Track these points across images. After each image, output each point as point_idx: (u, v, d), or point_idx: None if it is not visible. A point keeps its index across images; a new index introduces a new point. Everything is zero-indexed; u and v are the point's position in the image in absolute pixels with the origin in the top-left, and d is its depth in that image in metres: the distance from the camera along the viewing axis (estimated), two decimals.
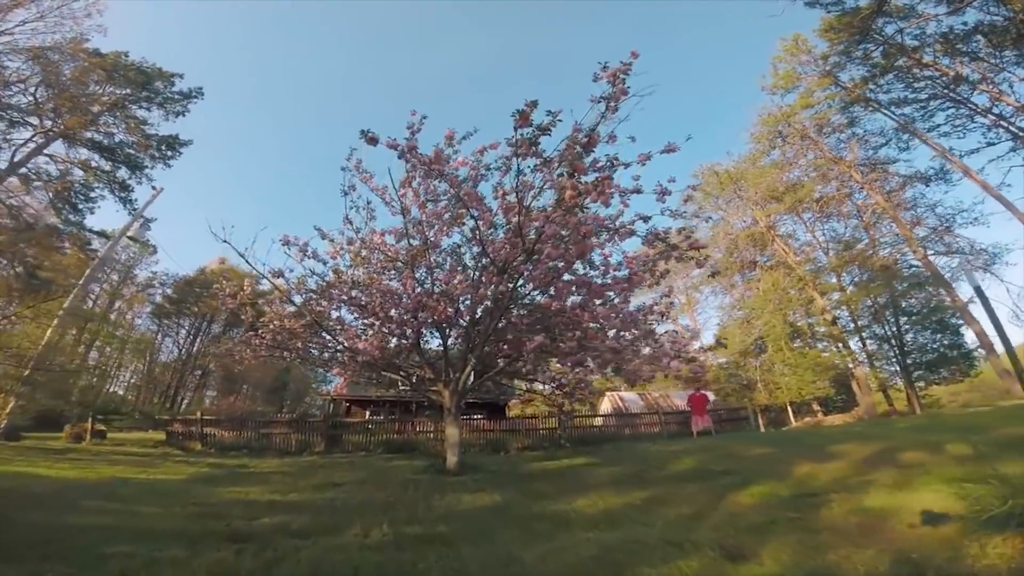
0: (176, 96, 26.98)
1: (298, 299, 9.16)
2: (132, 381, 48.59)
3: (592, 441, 14.04)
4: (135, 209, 24.72)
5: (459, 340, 10.20)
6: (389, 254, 8.87)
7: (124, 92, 25.55)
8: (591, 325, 6.58)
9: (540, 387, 12.21)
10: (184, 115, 27.09)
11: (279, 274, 8.79)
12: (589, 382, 10.16)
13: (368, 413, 22.59)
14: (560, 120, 5.80)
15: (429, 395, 10.40)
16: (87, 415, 17.63)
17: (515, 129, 5.60)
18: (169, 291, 42.55)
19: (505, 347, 9.88)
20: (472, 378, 8.91)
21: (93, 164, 24.95)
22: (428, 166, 6.67)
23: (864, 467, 5.83)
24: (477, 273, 8.67)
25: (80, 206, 24.11)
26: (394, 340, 11.28)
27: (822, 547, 3.34)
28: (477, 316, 9.00)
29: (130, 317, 44.50)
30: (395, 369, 10.12)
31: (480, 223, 7.55)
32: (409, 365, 10.63)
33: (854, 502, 4.34)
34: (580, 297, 7.28)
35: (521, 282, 7.80)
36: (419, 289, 8.00)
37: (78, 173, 24.56)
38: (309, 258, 8.61)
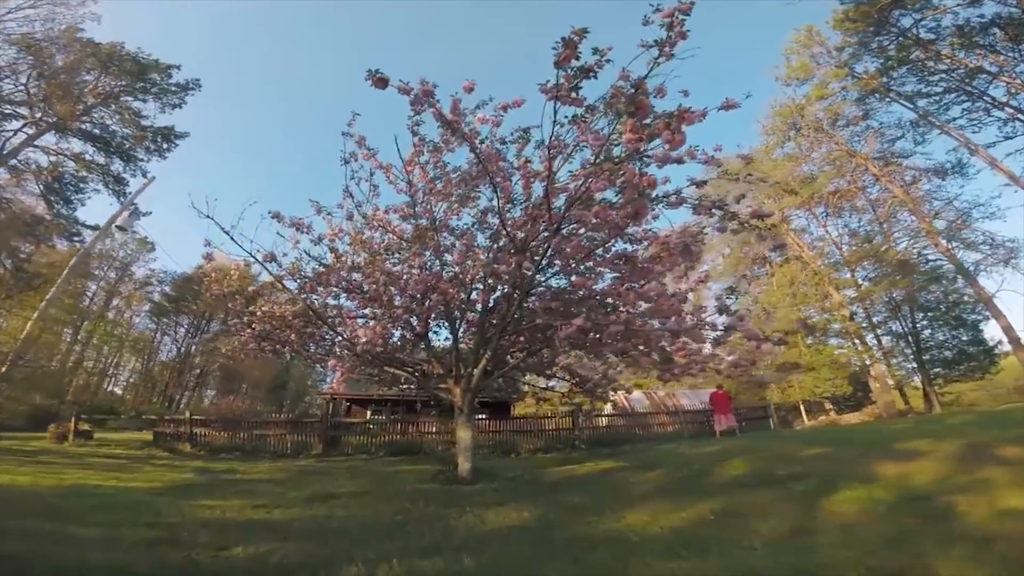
0: (173, 88, 25.89)
1: (292, 285, 8.03)
2: (131, 380, 47.41)
3: (608, 442, 12.91)
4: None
5: (471, 331, 9.10)
6: (394, 233, 7.76)
7: (120, 83, 24.50)
8: (635, 309, 5.46)
9: (551, 383, 11.10)
10: (181, 107, 26.04)
11: (271, 258, 7.67)
12: (614, 378, 9.06)
13: (369, 413, 21.42)
14: (609, 60, 4.70)
15: (437, 393, 9.30)
16: (78, 414, 16.41)
17: (555, 65, 4.49)
18: (167, 289, 41.31)
19: (522, 339, 8.77)
20: (485, 374, 7.79)
21: (87, 157, 23.96)
22: (443, 119, 5.55)
23: (963, 465, 4.96)
24: (490, 255, 7.57)
25: (72, 198, 23.03)
26: (397, 332, 10.20)
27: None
28: (491, 303, 7.89)
29: (128, 316, 43.31)
30: (399, 364, 8.99)
31: (500, 192, 6.44)
32: (414, 361, 9.52)
33: (990, 504, 3.58)
34: (616, 276, 6.15)
35: (546, 261, 6.71)
36: (427, 272, 6.88)
37: (71, 166, 23.57)
38: (303, 233, 7.47)
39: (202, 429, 13.10)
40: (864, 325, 23.46)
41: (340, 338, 7.32)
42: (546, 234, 6.51)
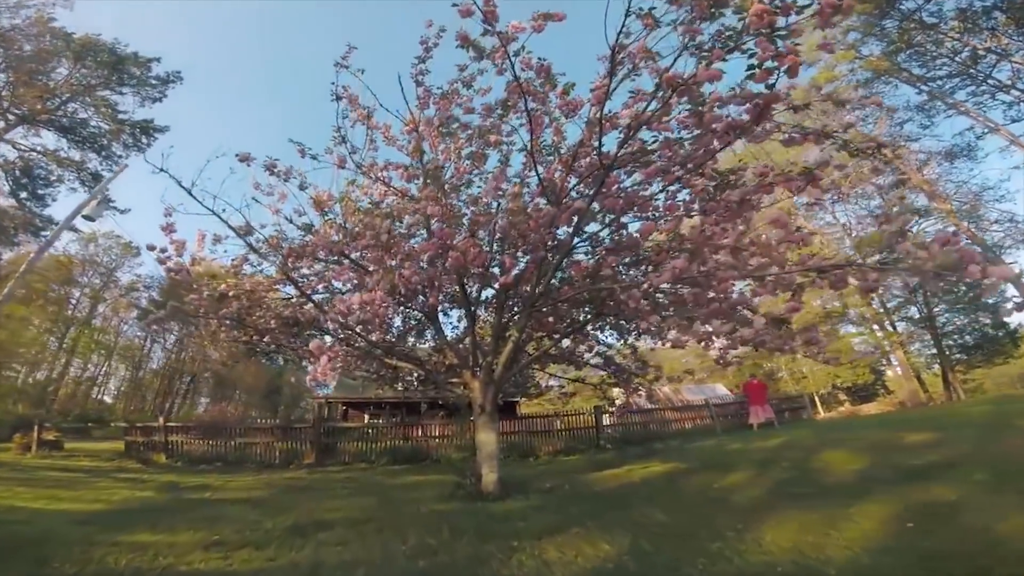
0: (153, 81, 24.22)
1: (273, 259, 6.42)
2: (123, 389, 45.17)
3: (635, 440, 11.34)
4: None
5: (491, 311, 7.57)
6: (396, 191, 6.18)
7: (96, 75, 22.84)
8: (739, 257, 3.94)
9: (577, 374, 9.52)
10: (161, 100, 24.39)
11: (247, 230, 6.05)
12: (658, 364, 7.55)
13: (367, 417, 19.74)
14: None
15: (449, 389, 7.71)
16: (42, 423, 14.57)
17: None
18: (155, 294, 39.08)
19: (551, 319, 7.22)
20: (509, 363, 6.20)
21: (62, 153, 22.34)
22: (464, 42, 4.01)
23: None
24: (505, 216, 6.03)
25: (44, 195, 21.24)
26: (399, 320, 8.59)
27: None
28: (517, 272, 6.31)
29: (116, 323, 41.05)
30: (401, 357, 7.38)
31: (533, 123, 4.90)
32: (416, 356, 7.93)
33: None
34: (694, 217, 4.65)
35: (591, 211, 5.17)
36: (439, 226, 5.24)
37: (44, 162, 21.91)
38: (281, 179, 5.85)
39: (179, 437, 11.33)
40: (879, 311, 22.17)
41: (327, 313, 5.59)
42: (580, 194, 5.04)
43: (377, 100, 6.59)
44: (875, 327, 21.17)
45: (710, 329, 3.99)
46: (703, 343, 5.74)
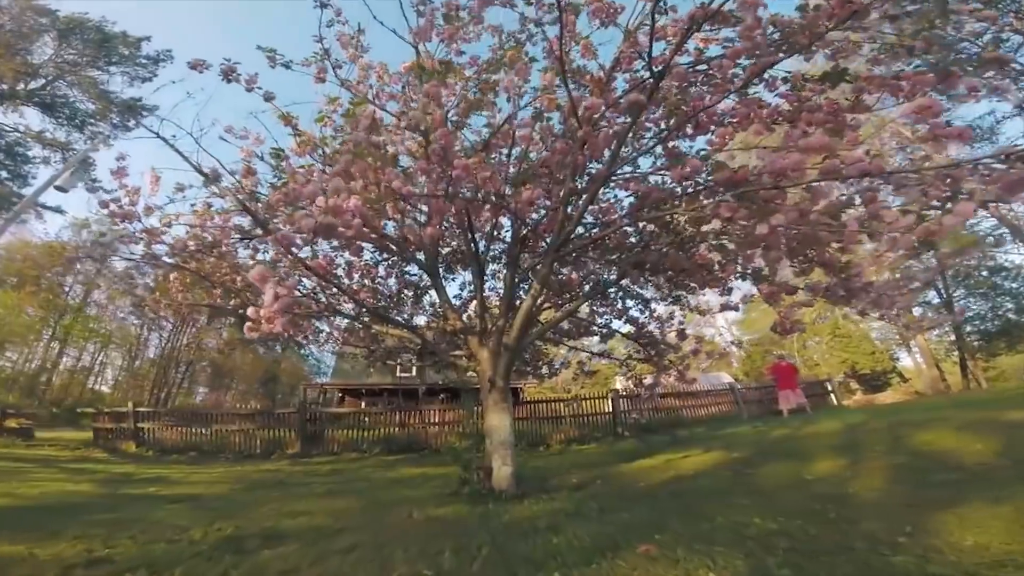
0: (142, 60, 22.81)
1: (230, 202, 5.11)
2: (120, 378, 43.76)
3: (656, 427, 10.07)
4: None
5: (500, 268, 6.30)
6: (390, 113, 4.85)
7: (84, 54, 21.47)
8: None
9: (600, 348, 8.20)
10: (151, 80, 22.93)
11: (215, 177, 4.70)
12: (694, 336, 6.28)
13: (364, 404, 18.50)
14: None
15: (452, 362, 6.42)
16: (4, 410, 13.30)
17: None
18: (150, 282, 37.58)
19: (573, 276, 5.95)
20: (524, 329, 4.89)
21: (48, 134, 21.04)
22: None
23: None
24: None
25: (26, 173, 19.95)
26: (392, 279, 7.27)
27: None
28: (536, 219, 5.03)
29: (112, 311, 39.51)
30: (395, 323, 6.10)
31: (564, 22, 3.60)
32: (410, 324, 6.63)
33: None
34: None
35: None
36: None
37: (28, 144, 20.66)
38: (241, 85, 4.46)
39: (150, 424, 10.00)
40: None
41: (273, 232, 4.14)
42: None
43: (371, 12, 5.22)
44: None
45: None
46: (773, 298, 4.53)
